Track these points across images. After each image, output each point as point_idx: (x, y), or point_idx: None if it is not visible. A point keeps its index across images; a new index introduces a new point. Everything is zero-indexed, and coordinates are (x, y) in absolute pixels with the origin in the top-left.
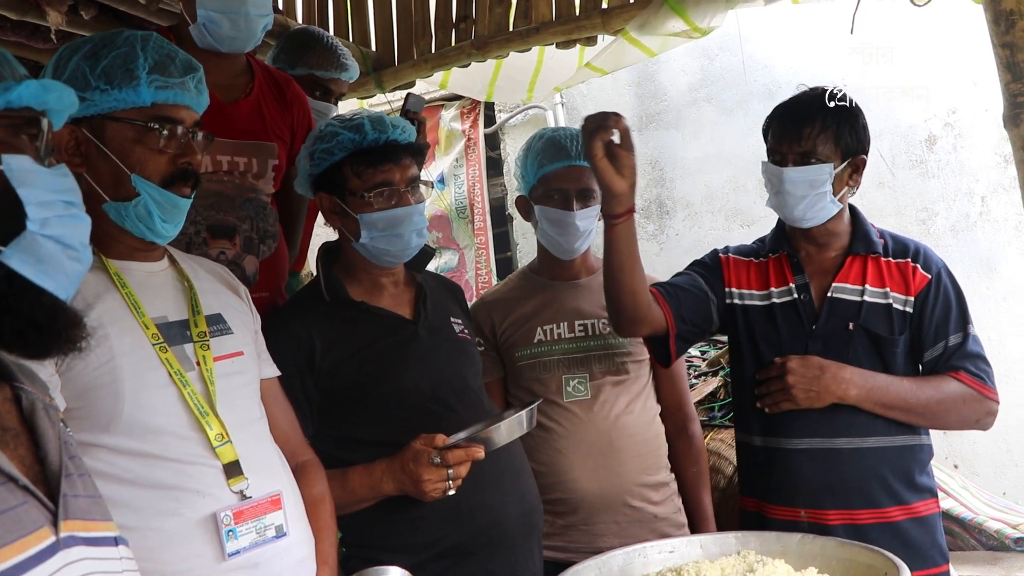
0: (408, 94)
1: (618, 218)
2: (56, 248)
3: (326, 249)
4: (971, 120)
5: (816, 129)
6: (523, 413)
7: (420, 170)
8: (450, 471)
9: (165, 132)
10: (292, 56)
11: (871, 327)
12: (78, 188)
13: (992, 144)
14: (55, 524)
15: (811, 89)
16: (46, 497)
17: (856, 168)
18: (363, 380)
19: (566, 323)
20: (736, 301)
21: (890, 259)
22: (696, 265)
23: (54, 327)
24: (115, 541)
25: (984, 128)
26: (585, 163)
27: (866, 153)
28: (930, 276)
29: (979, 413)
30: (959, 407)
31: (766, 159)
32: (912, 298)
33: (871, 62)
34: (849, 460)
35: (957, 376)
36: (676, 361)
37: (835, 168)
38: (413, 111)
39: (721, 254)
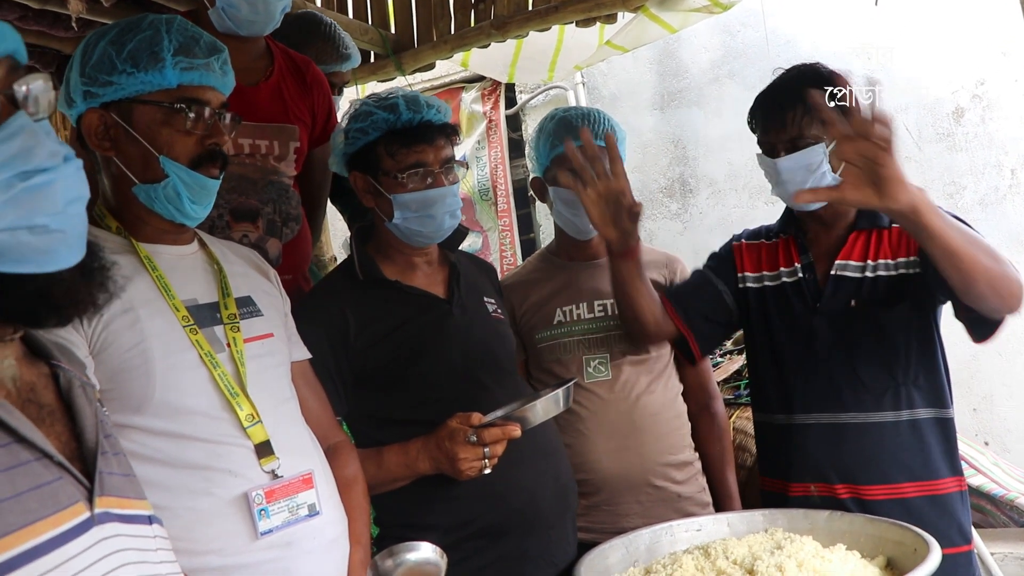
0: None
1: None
2: (12, 237)
3: (360, 228)
4: (1000, 91)
5: (799, 112)
6: (559, 392)
7: (455, 150)
8: (486, 450)
9: (192, 113)
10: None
11: (874, 303)
12: (37, 140)
13: (1022, 115)
14: (90, 500)
15: (787, 70)
16: (82, 474)
17: None
18: (397, 359)
19: (585, 304)
20: (750, 285)
21: (894, 226)
22: (709, 258)
23: (49, 304)
24: (149, 519)
25: (1013, 99)
26: (598, 143)
27: None
28: None
29: (1013, 286)
30: (1004, 265)
31: (759, 151)
32: (915, 257)
33: (886, 47)
34: (854, 435)
35: None
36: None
37: (828, 145)
38: None
39: (734, 242)
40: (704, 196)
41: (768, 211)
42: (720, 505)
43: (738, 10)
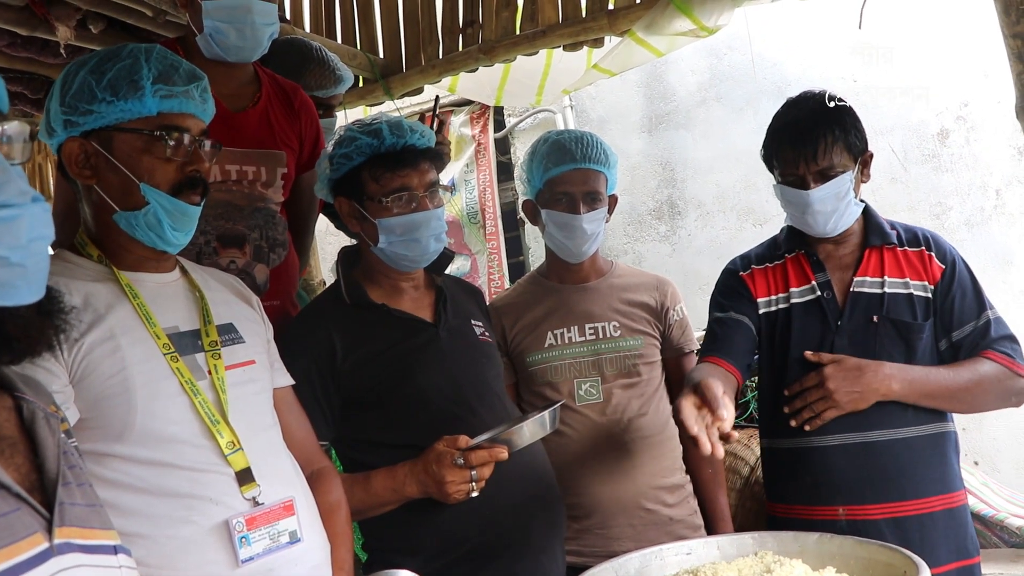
0: (437, 97)
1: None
2: None
3: (346, 252)
4: (983, 112)
5: (829, 142)
6: (546, 414)
7: (439, 174)
8: (473, 472)
9: (172, 141)
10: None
11: (896, 316)
12: (7, 177)
13: (1005, 136)
14: (49, 531)
15: (800, 100)
16: (42, 505)
17: (865, 164)
18: (384, 383)
19: (576, 327)
20: (767, 310)
21: (906, 248)
22: (721, 300)
23: (2, 338)
24: (115, 550)
25: (997, 120)
26: (591, 166)
27: (868, 147)
28: (944, 266)
29: (1012, 391)
30: (995, 386)
31: (777, 183)
32: (932, 286)
33: (875, 60)
34: (884, 452)
35: (987, 355)
36: (688, 361)
37: (853, 173)
38: (439, 115)
39: (742, 273)
40: (692, 218)
41: (756, 232)
42: (712, 528)
43: (724, 34)
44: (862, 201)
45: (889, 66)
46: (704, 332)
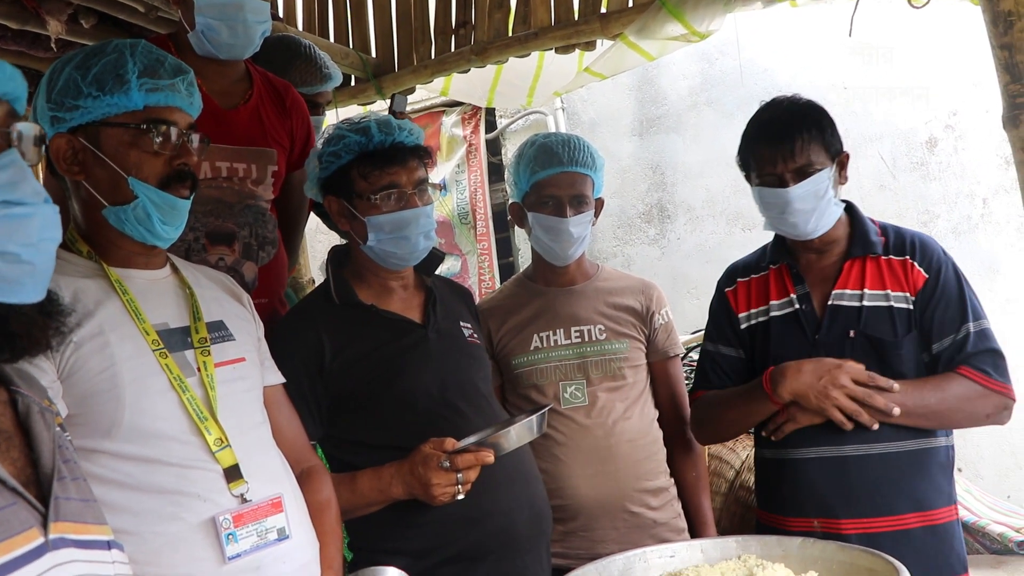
0: (394, 96)
1: (781, 413)
2: None
3: (335, 252)
4: (972, 122)
5: (806, 140)
6: (533, 418)
7: (427, 172)
8: (459, 475)
9: (159, 135)
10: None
11: (872, 332)
12: (24, 176)
13: (993, 146)
14: (45, 526)
15: (773, 103)
16: (37, 499)
17: (842, 165)
18: (372, 383)
19: (562, 330)
20: (749, 323)
21: (890, 256)
22: (717, 327)
23: (5, 334)
24: (108, 545)
25: (985, 130)
26: (578, 169)
27: (844, 148)
28: (928, 275)
29: (988, 408)
30: (964, 405)
31: (756, 185)
32: (913, 297)
33: (869, 63)
34: (858, 467)
35: (961, 371)
36: (673, 365)
37: (831, 172)
38: (399, 111)
39: (727, 290)
40: (682, 222)
41: (745, 238)
42: (695, 531)
43: (716, 39)
44: (843, 201)
45: (887, 67)
46: (692, 335)
